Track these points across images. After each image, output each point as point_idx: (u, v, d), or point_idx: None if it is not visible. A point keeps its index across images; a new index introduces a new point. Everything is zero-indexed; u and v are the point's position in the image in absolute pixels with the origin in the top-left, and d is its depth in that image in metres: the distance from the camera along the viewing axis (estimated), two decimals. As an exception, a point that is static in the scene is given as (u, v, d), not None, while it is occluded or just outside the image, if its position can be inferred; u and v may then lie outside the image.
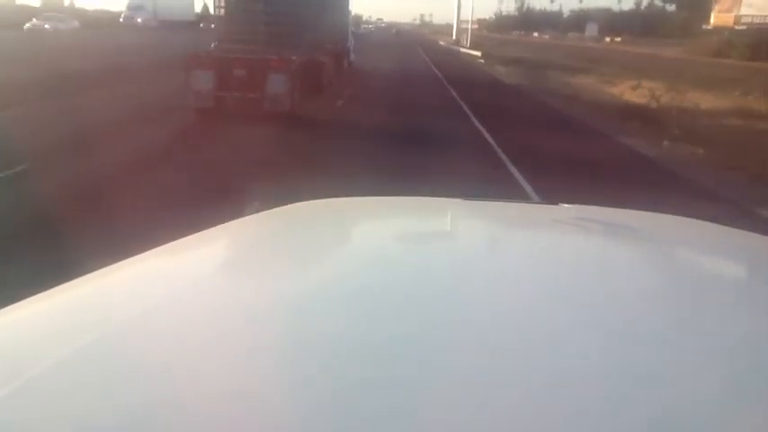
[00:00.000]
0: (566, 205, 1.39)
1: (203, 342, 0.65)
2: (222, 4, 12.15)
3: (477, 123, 11.42)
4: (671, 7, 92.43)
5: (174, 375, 0.60)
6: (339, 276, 0.89)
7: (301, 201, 1.42)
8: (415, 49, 45.30)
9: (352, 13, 26.00)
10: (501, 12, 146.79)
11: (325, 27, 14.13)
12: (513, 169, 7.57)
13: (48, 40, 27.93)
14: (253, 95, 10.49)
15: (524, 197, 6.01)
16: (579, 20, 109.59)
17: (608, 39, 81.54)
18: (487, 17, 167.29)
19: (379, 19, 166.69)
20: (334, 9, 15.47)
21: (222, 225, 1.16)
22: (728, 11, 46.54)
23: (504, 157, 8.38)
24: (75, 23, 39.63)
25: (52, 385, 0.57)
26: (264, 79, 10.40)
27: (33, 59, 16.98)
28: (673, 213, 1.43)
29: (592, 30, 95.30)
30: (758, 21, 42.52)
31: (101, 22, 47.86)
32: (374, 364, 0.61)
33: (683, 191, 6.87)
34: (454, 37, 51.85)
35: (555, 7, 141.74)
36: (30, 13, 40.22)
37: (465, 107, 13.68)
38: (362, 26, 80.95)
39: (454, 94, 16.33)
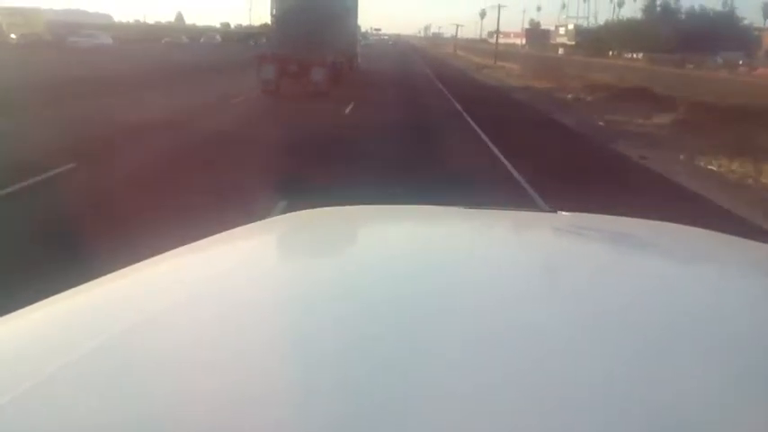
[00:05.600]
0: (564, 213, 1.41)
1: (210, 347, 0.67)
2: (274, 21, 18.19)
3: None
4: None
5: (181, 380, 0.60)
6: (342, 284, 0.91)
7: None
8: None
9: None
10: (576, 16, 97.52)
11: (343, 37, 20.02)
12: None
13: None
14: (301, 82, 16.59)
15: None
16: None
17: None
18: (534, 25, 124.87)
19: (376, 29, 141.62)
20: (347, 24, 21.39)
21: (228, 231, 1.20)
22: None
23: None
24: (110, 39, 46.10)
25: (58, 390, 0.58)
26: (309, 71, 16.43)
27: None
28: None
29: None
30: None
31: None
32: (377, 371, 0.62)
33: None
34: None
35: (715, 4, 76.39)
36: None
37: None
38: (370, 38, 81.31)
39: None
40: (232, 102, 14.53)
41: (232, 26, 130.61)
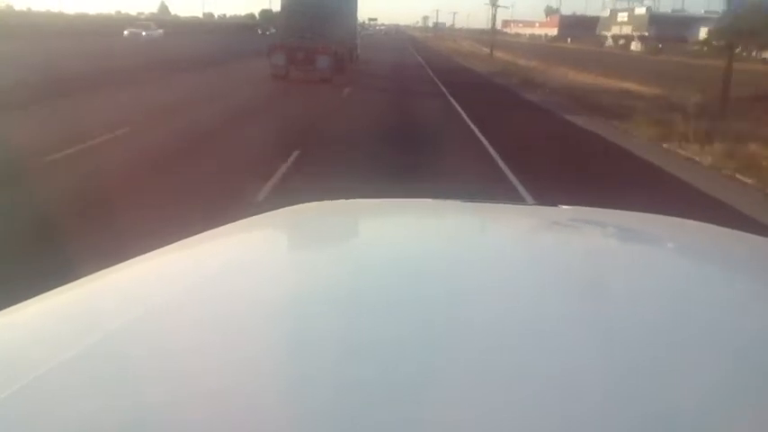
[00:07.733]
0: (564, 207, 1.42)
1: (206, 343, 0.66)
2: (283, 14, 20.56)
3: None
4: None
5: (177, 377, 0.60)
6: (340, 277, 0.90)
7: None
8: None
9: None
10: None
11: (344, 28, 22.14)
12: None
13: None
14: (308, 68, 18.80)
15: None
16: None
17: None
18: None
19: (371, 19, 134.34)
20: (349, 16, 23.55)
21: (226, 225, 1.20)
22: None
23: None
24: (161, 31, 42.74)
25: (55, 386, 0.57)
26: (315, 59, 18.64)
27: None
28: None
29: None
30: None
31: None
32: (375, 365, 0.62)
33: None
34: None
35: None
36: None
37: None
38: (369, 29, 79.72)
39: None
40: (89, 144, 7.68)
41: (216, 16, 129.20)
